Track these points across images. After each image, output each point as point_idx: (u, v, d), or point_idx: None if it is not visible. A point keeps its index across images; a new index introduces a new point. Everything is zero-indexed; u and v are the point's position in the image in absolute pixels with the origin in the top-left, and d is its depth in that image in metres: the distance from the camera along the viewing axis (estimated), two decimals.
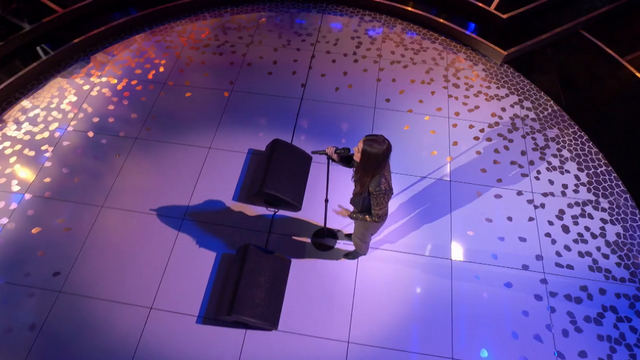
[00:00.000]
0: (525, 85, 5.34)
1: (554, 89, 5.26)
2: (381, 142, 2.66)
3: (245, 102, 5.15)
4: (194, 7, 6.14)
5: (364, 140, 2.70)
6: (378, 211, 2.92)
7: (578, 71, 5.48)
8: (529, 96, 5.22)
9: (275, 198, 4.12)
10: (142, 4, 5.98)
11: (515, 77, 5.43)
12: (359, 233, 3.43)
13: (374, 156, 2.68)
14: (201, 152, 4.71)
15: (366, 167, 2.76)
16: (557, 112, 5.07)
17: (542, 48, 5.70)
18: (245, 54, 5.64)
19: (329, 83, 5.35)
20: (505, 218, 4.27)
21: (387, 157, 2.72)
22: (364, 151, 2.70)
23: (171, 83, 5.34)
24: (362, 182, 2.86)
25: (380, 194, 2.81)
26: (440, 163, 4.65)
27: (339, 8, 6.23)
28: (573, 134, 4.88)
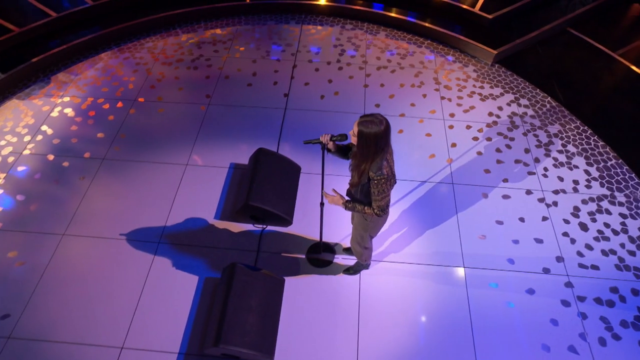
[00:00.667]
0: (520, 83, 5.23)
1: (549, 86, 5.16)
2: (378, 121, 2.39)
3: (224, 115, 4.88)
4: (165, 23, 5.96)
5: (358, 122, 2.43)
6: (379, 201, 2.61)
7: (572, 67, 5.41)
8: (524, 94, 5.10)
9: (262, 212, 3.77)
10: (107, 21, 5.77)
11: (507, 75, 5.33)
12: (358, 236, 3.10)
13: (372, 137, 2.41)
14: (177, 169, 4.37)
15: (364, 151, 2.48)
16: (556, 108, 4.94)
17: (532, 46, 5.66)
18: (222, 67, 5.42)
19: (314, 91, 5.14)
20: (517, 219, 4.00)
21: (387, 137, 2.45)
22: (360, 133, 2.43)
23: (142, 99, 5.04)
24: (360, 169, 2.57)
25: (382, 179, 2.51)
26: (439, 166, 4.41)
27: (319, 18, 6.14)
28: (576, 128, 4.73)
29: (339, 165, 4.31)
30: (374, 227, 2.95)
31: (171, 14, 5.93)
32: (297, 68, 5.42)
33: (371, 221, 2.88)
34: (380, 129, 2.39)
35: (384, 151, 2.49)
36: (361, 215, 2.89)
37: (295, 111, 4.93)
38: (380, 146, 2.45)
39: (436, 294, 3.52)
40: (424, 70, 5.39)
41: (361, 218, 2.91)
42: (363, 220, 2.91)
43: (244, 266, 3.33)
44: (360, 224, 2.96)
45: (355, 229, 3.08)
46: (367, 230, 2.99)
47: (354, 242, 3.22)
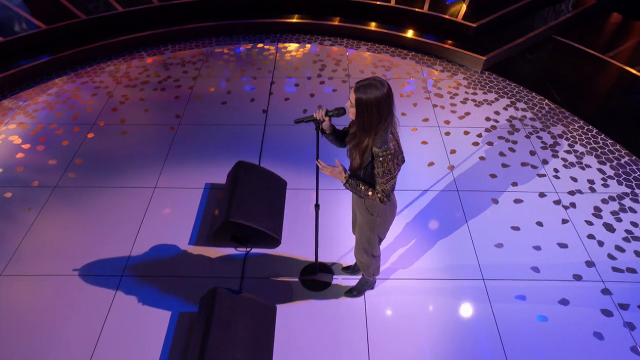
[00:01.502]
0: (513, 88, 5.13)
1: (545, 89, 5.07)
2: (379, 84, 2.10)
3: (197, 134, 4.54)
4: (128, 46, 5.72)
5: (355, 88, 2.14)
6: (384, 184, 2.27)
7: (565, 70, 5.38)
8: (520, 98, 4.98)
9: (245, 230, 3.35)
10: (62, 45, 5.49)
11: (499, 81, 5.23)
12: (364, 241, 2.70)
13: (373, 104, 2.10)
14: (144, 193, 3.94)
15: (365, 122, 2.16)
16: (555, 110, 4.81)
17: (521, 53, 5.65)
18: (192, 87, 5.15)
19: (295, 106, 4.89)
20: (534, 224, 3.70)
21: (391, 102, 2.15)
22: (358, 101, 2.13)
23: (102, 123, 4.68)
24: (361, 147, 2.24)
25: (387, 155, 2.19)
26: (441, 173, 4.13)
27: (295, 36, 6.03)
28: (580, 128, 4.58)
29: (336, 181, 3.98)
30: (382, 223, 2.57)
31: (134, 36, 5.72)
32: (276, 84, 5.20)
33: (379, 215, 2.52)
34: (382, 92, 2.10)
35: (388, 120, 2.18)
36: (366, 210, 2.53)
37: (276, 126, 4.64)
38: (383, 114, 2.14)
39: (456, 312, 3.11)
40: (411, 81, 5.24)
41: (366, 214, 2.54)
42: (368, 216, 2.54)
43: (227, 291, 2.86)
44: (366, 222, 2.58)
45: (360, 231, 2.70)
46: (374, 230, 2.61)
47: (360, 250, 2.82)
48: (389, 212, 2.56)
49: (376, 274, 3.04)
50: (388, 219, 2.59)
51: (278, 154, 4.29)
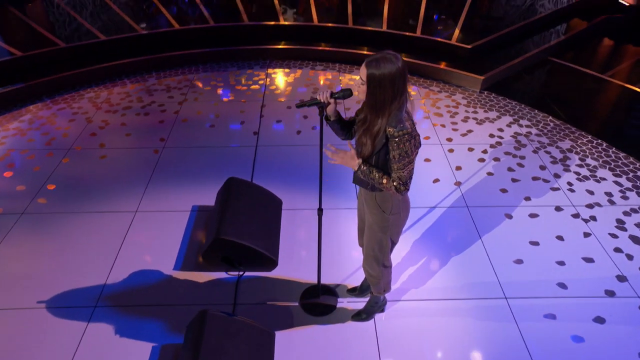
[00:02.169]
0: (515, 106, 5.09)
1: (547, 106, 5.04)
2: (393, 57, 1.96)
3: (183, 157, 4.34)
4: (109, 73, 5.62)
5: (366, 64, 1.99)
6: (401, 170, 2.08)
7: (565, 89, 5.39)
8: (523, 115, 4.93)
9: (238, 250, 3.08)
10: (38, 72, 5.36)
11: (500, 100, 5.20)
12: (375, 246, 2.46)
13: (387, 80, 1.95)
14: (124, 217, 3.67)
15: (378, 101, 2.01)
16: (561, 126, 4.75)
17: (518, 73, 5.67)
18: (178, 112, 5.01)
19: (288, 128, 4.75)
20: (554, 238, 3.50)
21: (405, 77, 2.00)
22: (370, 78, 1.98)
23: (79, 148, 4.46)
24: (373, 130, 2.07)
25: (404, 135, 2.01)
26: (447, 190, 3.95)
27: (285, 62, 6.01)
28: (589, 142, 4.50)
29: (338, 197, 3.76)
30: (395, 222, 2.35)
31: (116, 64, 5.64)
32: (267, 107, 5.09)
33: (392, 212, 2.30)
34: (396, 65, 1.95)
35: (403, 98, 2.02)
36: (377, 207, 2.31)
37: (269, 147, 4.48)
38: (398, 90, 1.99)
39: (479, 334, 2.82)
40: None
41: (377, 211, 2.32)
42: (380, 214, 2.32)
43: (219, 313, 2.56)
44: (377, 221, 2.36)
45: (370, 234, 2.46)
46: (387, 230, 2.38)
47: (370, 260, 2.57)
48: (402, 209, 2.35)
49: (387, 289, 2.77)
50: (402, 218, 2.38)
51: (272, 174, 4.09)
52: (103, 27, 6.14)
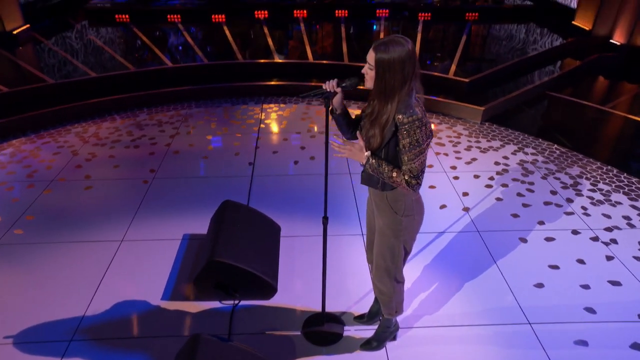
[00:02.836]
0: (518, 135, 5.07)
1: (551, 136, 5.03)
2: (402, 41, 1.92)
3: (174, 187, 4.21)
4: (98, 109, 5.58)
5: (374, 47, 1.94)
6: (412, 162, 1.98)
7: (568, 119, 5.43)
8: (527, 144, 4.90)
9: (234, 274, 2.88)
10: (23, 107, 5.29)
11: (501, 130, 5.19)
12: (386, 251, 2.28)
13: (396, 63, 1.89)
14: (108, 247, 3.47)
15: (387, 86, 1.94)
16: (567, 153, 4.71)
17: (518, 106, 5.72)
18: (169, 144, 4.92)
19: (285, 158, 4.67)
20: (575, 261, 3.34)
21: (415, 62, 1.94)
22: (379, 62, 1.92)
23: (62, 179, 4.31)
24: (381, 120, 1.99)
25: (414, 121, 1.94)
26: (456, 215, 3.82)
27: (280, 98, 6.04)
28: (598, 169, 4.45)
29: None
30: (409, 225, 2.20)
31: (106, 99, 5.61)
32: (262, 139, 5.03)
33: (405, 213, 2.16)
34: (406, 48, 1.90)
35: (412, 83, 1.96)
36: (389, 208, 2.17)
37: (265, 177, 4.36)
38: (408, 74, 1.92)
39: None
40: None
41: (389, 213, 2.18)
42: (392, 216, 2.17)
43: (214, 338, 2.32)
44: (389, 224, 2.20)
45: (382, 240, 2.29)
46: (399, 235, 2.22)
47: (381, 273, 2.38)
48: (416, 211, 2.21)
49: (399, 310, 2.56)
50: (416, 221, 2.23)
51: (268, 203, 3.94)
52: (95, 66, 6.17)
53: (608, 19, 7.27)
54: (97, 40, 7.30)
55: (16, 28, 7.34)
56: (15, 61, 6.39)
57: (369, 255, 2.62)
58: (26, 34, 7.45)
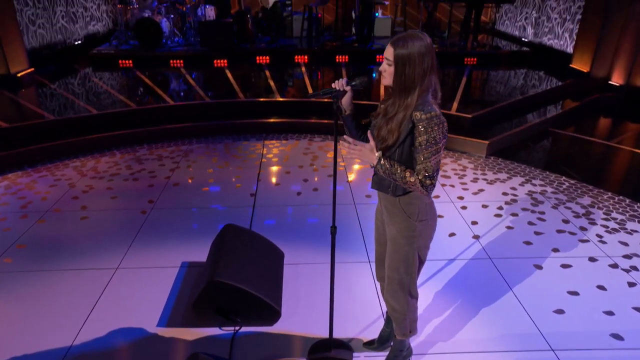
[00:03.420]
0: (524, 168, 5.05)
1: (558, 169, 5.01)
2: (420, 35, 1.95)
3: (174, 217, 4.12)
4: (98, 144, 5.58)
5: (392, 43, 1.96)
6: (428, 160, 1.95)
7: (575, 154, 5.44)
8: (534, 176, 4.87)
9: (236, 297, 2.74)
10: (20, 142, 5.29)
11: (507, 164, 5.17)
12: (400, 261, 2.20)
13: (415, 57, 1.91)
14: (102, 275, 3.34)
15: (407, 80, 1.95)
16: (576, 184, 4.67)
17: (523, 141, 5.74)
18: (169, 177, 4.88)
19: (287, 190, 4.62)
20: (595, 288, 3.21)
21: (434, 57, 1.96)
22: (398, 57, 1.93)
23: (58, 210, 4.23)
24: (399, 116, 1.97)
25: (432, 118, 1.93)
26: (466, 243, 3.73)
27: (282, 135, 6.07)
28: (610, 199, 4.39)
29: None
30: (423, 231, 2.13)
31: (106, 135, 5.63)
32: (264, 173, 5.00)
33: (419, 218, 2.09)
34: (425, 42, 1.92)
35: (432, 76, 1.95)
36: (401, 212, 2.10)
37: (267, 207, 4.29)
38: (427, 67, 1.93)
39: None
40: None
41: (402, 217, 2.11)
42: (405, 221, 2.10)
43: (212, 358, 2.17)
44: (402, 230, 2.12)
45: (394, 250, 2.19)
46: (413, 242, 2.13)
47: (394, 286, 2.26)
48: (430, 216, 2.14)
49: (413, 330, 2.42)
50: (430, 226, 2.15)
51: (271, 232, 3.84)
52: (97, 106, 6.24)
53: (605, 61, 7.45)
54: (100, 82, 7.44)
55: (21, 71, 7.49)
56: (16, 100, 6.47)
57: (378, 272, 2.51)
58: (30, 77, 7.59)
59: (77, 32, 9.61)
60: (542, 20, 9.33)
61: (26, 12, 7.94)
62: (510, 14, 10.66)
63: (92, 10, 10.21)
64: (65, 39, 9.15)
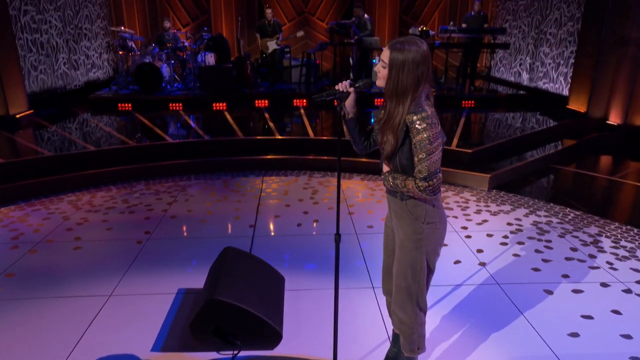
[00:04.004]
0: (528, 200, 5.06)
1: (563, 201, 5.02)
2: (417, 41, 2.01)
3: (170, 246, 4.08)
4: (94, 180, 5.59)
5: (389, 46, 2.02)
6: (424, 161, 1.98)
7: (578, 187, 5.47)
8: (538, 207, 4.87)
9: (236, 318, 2.67)
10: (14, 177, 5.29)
11: (510, 197, 5.18)
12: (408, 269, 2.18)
13: (410, 63, 1.98)
14: (94, 302, 3.26)
15: (400, 85, 2.01)
16: (582, 215, 4.66)
17: (525, 176, 5.78)
18: (166, 210, 4.86)
19: (288, 221, 4.59)
20: (609, 312, 3.14)
21: (429, 64, 2.02)
22: (393, 61, 2.00)
23: (50, 240, 4.18)
24: (394, 122, 2.03)
25: (425, 118, 1.97)
26: (472, 269, 3.67)
27: (282, 172, 6.10)
28: (617, 228, 4.37)
29: None
30: (431, 235, 2.13)
31: (102, 171, 5.65)
32: (263, 206, 4.98)
33: (427, 220, 2.10)
34: (422, 49, 1.98)
35: (425, 83, 2.01)
36: (409, 215, 2.12)
37: (266, 237, 4.26)
38: (422, 75, 1.99)
39: None
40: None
41: (409, 220, 2.13)
42: (412, 224, 2.11)
43: None
44: (410, 234, 2.12)
45: (402, 255, 2.17)
46: (421, 246, 2.12)
47: (402, 295, 2.22)
48: (438, 219, 2.14)
49: (421, 347, 2.34)
50: (438, 230, 2.14)
51: (271, 259, 3.77)
52: (95, 144, 6.31)
53: (601, 101, 7.65)
54: (99, 123, 7.55)
55: (20, 112, 7.62)
56: (13, 138, 6.54)
57: (385, 284, 2.47)
58: (29, 118, 7.71)
59: (78, 79, 9.86)
60: (537, 66, 9.66)
61: (29, 58, 8.18)
62: (505, 61, 11.05)
63: (93, 58, 10.52)
64: (65, 84, 9.37)
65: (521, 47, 10.27)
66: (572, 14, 8.51)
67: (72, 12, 9.55)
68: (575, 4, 8.43)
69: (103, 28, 10.86)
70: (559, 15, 8.94)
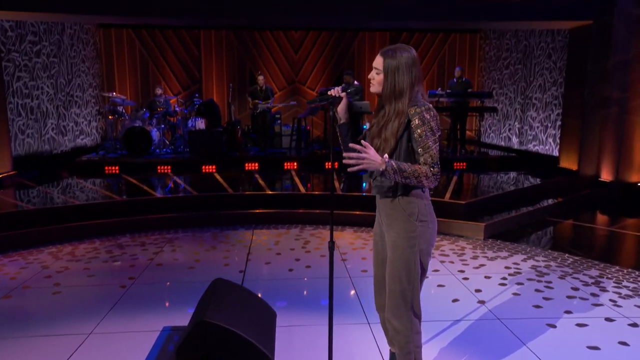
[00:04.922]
0: (526, 247, 5.10)
1: (560, 247, 5.07)
2: (407, 47, 2.23)
3: (155, 289, 4.03)
4: (77, 232, 5.55)
5: (381, 53, 2.22)
6: (430, 149, 2.11)
7: (577, 236, 5.56)
8: (536, 254, 4.90)
9: (226, 342, 2.60)
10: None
11: (507, 244, 5.23)
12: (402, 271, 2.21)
13: (404, 67, 2.17)
14: (70, 340, 3.16)
15: (396, 88, 2.17)
16: (581, 260, 4.70)
17: (521, 227, 5.86)
18: (152, 259, 4.81)
19: (279, 267, 4.57)
20: (617, 344, 3.11)
21: (419, 67, 2.21)
22: (387, 67, 2.18)
23: (27, 287, 4.10)
24: (392, 125, 2.18)
25: (427, 110, 2.12)
26: (471, 307, 3.66)
27: (272, 225, 6.13)
28: (618, 271, 4.40)
29: None
30: (424, 233, 2.22)
31: (86, 223, 5.64)
32: (254, 254, 4.97)
33: (419, 217, 2.21)
34: (412, 53, 2.19)
35: (419, 84, 2.19)
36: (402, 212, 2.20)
37: (257, 281, 4.22)
38: (415, 76, 2.18)
39: None
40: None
41: (402, 219, 2.22)
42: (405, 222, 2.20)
43: None
44: (403, 233, 2.20)
45: (395, 258, 2.22)
46: (414, 245, 2.19)
47: (396, 301, 2.22)
48: (430, 217, 2.26)
49: (418, 356, 2.28)
50: (430, 229, 2.23)
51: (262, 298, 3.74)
52: (78, 199, 6.35)
53: (591, 160, 7.93)
54: (85, 183, 7.62)
55: (3, 173, 7.70)
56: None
57: (377, 299, 2.48)
58: (11, 179, 7.77)
59: (65, 144, 10.06)
60: (526, 129, 10.08)
61: (17, 122, 8.40)
62: (494, 127, 11.52)
63: (82, 125, 10.80)
64: (52, 149, 9.55)
65: (509, 112, 10.76)
66: (555, 79, 9.05)
67: (65, 80, 9.95)
68: (556, 70, 9.00)
69: (94, 96, 11.27)
70: (542, 81, 9.50)
